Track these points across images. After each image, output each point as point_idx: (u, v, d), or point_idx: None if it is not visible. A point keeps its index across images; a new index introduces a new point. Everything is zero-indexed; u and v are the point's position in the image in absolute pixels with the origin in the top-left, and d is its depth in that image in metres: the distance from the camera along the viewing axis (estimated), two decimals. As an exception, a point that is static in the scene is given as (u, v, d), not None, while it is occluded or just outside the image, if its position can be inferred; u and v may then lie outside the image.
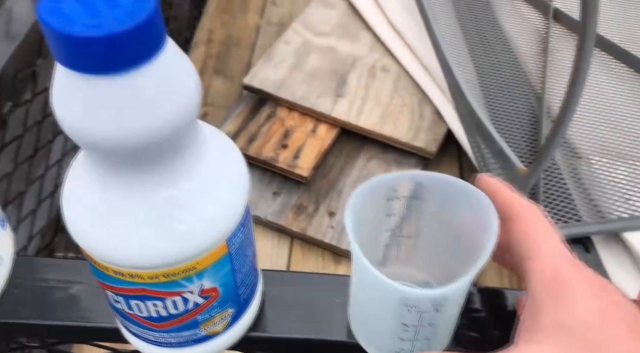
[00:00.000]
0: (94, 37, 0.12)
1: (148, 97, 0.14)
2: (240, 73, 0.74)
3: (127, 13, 0.13)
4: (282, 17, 0.82)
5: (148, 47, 0.13)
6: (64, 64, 0.13)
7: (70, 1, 0.13)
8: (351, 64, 0.72)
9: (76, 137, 0.15)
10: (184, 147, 0.16)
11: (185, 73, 0.15)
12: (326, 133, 0.66)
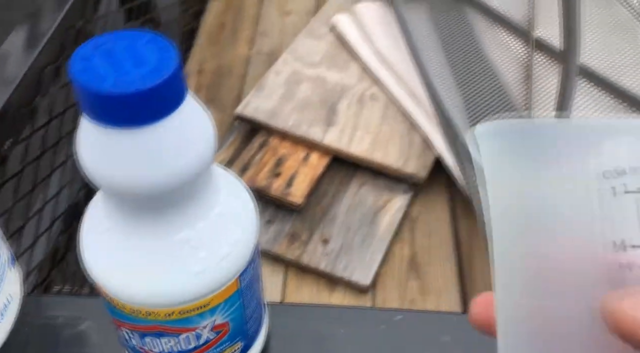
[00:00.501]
0: (122, 95, 0.14)
1: (168, 148, 0.15)
2: (231, 103, 0.76)
3: (153, 71, 0.14)
4: (272, 48, 0.84)
5: (170, 102, 0.15)
6: (93, 118, 0.14)
7: (100, 60, 0.14)
8: (341, 93, 0.74)
9: (100, 184, 0.16)
10: (198, 191, 0.17)
11: (202, 124, 0.16)
12: (318, 161, 0.67)
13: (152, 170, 0.15)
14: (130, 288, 0.17)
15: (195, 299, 0.17)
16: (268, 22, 0.88)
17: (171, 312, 0.18)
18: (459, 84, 0.69)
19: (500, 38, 0.75)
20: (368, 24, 0.79)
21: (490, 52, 0.73)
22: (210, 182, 0.18)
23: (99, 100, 0.14)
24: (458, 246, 0.59)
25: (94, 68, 0.14)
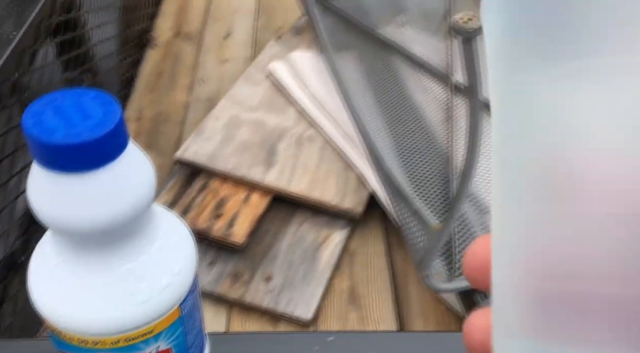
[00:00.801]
0: (72, 145, 0.16)
1: (111, 191, 0.17)
2: (171, 148, 0.77)
3: (98, 123, 0.16)
4: (210, 94, 0.86)
5: (114, 150, 0.17)
6: (44, 165, 0.16)
7: (50, 115, 0.16)
8: (279, 135, 0.77)
9: (50, 224, 0.17)
10: (140, 227, 0.19)
11: (143, 169, 0.18)
12: (259, 201, 0.69)
13: (96, 211, 0.17)
14: (79, 319, 0.19)
15: (140, 326, 0.19)
16: (206, 69, 0.91)
17: (117, 340, 0.19)
18: (388, 124, 0.74)
19: (424, 82, 0.82)
20: (303, 71, 0.84)
21: (415, 95, 0.79)
22: (151, 219, 0.20)
23: (51, 150, 0.16)
24: (394, 276, 0.63)
25: (45, 122, 0.16)
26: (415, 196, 0.57)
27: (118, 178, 0.17)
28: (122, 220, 0.17)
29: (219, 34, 0.99)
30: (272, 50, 0.91)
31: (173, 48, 0.95)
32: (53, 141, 0.16)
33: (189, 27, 1.00)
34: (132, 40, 0.89)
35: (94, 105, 0.17)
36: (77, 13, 0.62)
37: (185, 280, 0.21)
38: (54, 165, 0.16)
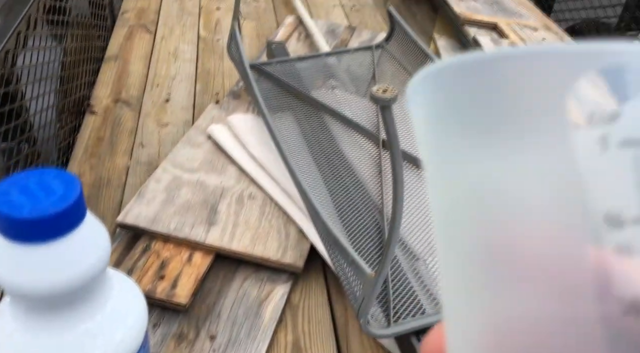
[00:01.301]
0: (37, 219, 0.18)
1: (73, 257, 0.20)
2: (112, 212, 0.77)
3: (60, 198, 0.19)
4: (150, 157, 0.88)
5: (74, 221, 0.19)
6: (12, 238, 0.19)
7: (17, 193, 0.19)
8: (220, 194, 0.79)
9: (13, 291, 0.20)
10: (96, 288, 0.22)
11: (99, 235, 0.21)
12: (202, 260, 0.71)
13: (57, 276, 0.19)
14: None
15: (95, 381, 0.21)
16: (146, 133, 0.93)
17: (73, 396, 0.21)
18: (324, 180, 0.79)
19: (356, 140, 0.88)
20: (241, 132, 0.88)
21: (349, 152, 0.85)
22: (104, 280, 0.22)
23: (18, 224, 0.18)
24: (335, 326, 0.65)
25: (12, 200, 0.19)
26: (352, 247, 0.61)
27: (78, 246, 0.20)
28: (81, 283, 0.20)
29: (158, 99, 1.02)
30: (212, 114, 0.95)
31: (112, 114, 0.97)
32: (21, 216, 0.18)
33: (128, 93, 1.03)
34: (70, 108, 0.90)
35: (56, 182, 0.20)
36: (15, 86, 0.63)
37: (138, 333, 0.23)
38: (21, 237, 0.19)
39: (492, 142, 0.11)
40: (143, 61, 1.13)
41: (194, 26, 1.28)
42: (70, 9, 0.92)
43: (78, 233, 0.19)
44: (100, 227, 0.21)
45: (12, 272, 0.19)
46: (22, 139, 0.66)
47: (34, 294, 0.19)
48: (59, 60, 0.84)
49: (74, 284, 0.20)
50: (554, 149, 0.10)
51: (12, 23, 0.64)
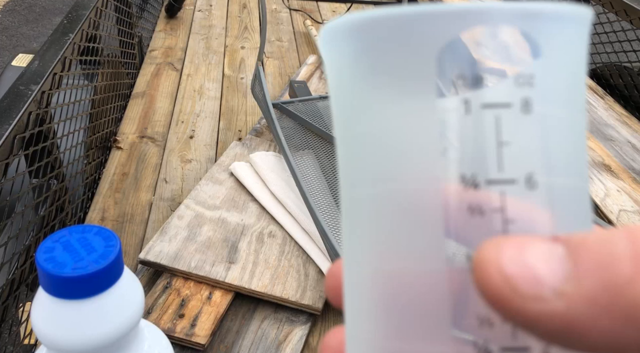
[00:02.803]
0: (79, 277, 0.19)
1: (110, 312, 0.20)
2: (134, 248, 0.78)
3: (101, 256, 0.20)
4: (173, 193, 0.90)
5: (112, 278, 0.20)
6: (54, 295, 0.19)
7: (59, 249, 0.20)
8: (241, 232, 0.80)
9: (48, 343, 0.20)
10: (130, 341, 0.22)
11: (134, 290, 0.21)
12: (221, 298, 0.71)
13: (96, 330, 0.20)
14: None
15: None
16: (170, 169, 0.95)
17: None
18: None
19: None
20: (263, 170, 0.89)
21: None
22: (137, 333, 0.22)
23: (61, 282, 0.19)
24: (356, 371, 0.64)
25: (56, 257, 0.19)
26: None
27: (115, 301, 0.20)
28: (117, 337, 0.20)
29: (182, 135, 1.04)
30: (234, 151, 0.96)
31: (137, 150, 0.99)
32: (64, 274, 0.19)
33: (153, 129, 1.05)
34: (98, 144, 0.93)
35: (97, 239, 0.20)
36: (48, 125, 0.66)
37: (166, 387, 0.23)
38: (62, 293, 0.19)
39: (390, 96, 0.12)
40: (169, 98, 1.16)
41: (219, 64, 1.32)
42: (102, 49, 0.96)
43: (115, 289, 0.20)
44: (136, 281, 0.21)
45: (51, 325, 0.20)
46: (51, 175, 0.68)
47: (70, 347, 0.20)
48: (89, 98, 0.87)
49: (110, 338, 0.20)
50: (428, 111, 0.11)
51: (49, 65, 0.67)
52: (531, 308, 0.10)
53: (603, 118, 1.00)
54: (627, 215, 0.74)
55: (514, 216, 0.11)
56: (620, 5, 1.11)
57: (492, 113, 0.11)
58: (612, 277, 0.10)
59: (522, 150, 0.11)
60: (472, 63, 0.11)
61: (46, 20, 2.87)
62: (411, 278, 0.12)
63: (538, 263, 0.10)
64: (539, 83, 0.11)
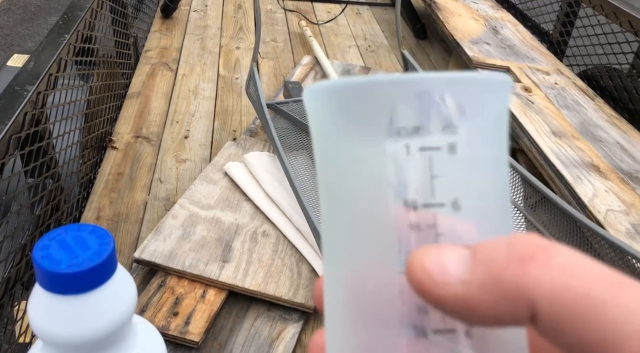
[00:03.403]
0: (74, 273, 0.20)
1: (104, 307, 0.21)
2: (129, 247, 0.79)
3: (95, 253, 0.21)
4: (168, 193, 0.90)
5: (106, 275, 0.21)
6: (50, 290, 0.20)
7: (56, 247, 0.21)
8: (235, 232, 0.81)
9: (44, 337, 0.21)
10: (123, 335, 0.23)
11: (128, 286, 0.22)
12: (215, 297, 0.71)
13: (90, 325, 0.21)
14: None
15: None
16: (164, 169, 0.96)
17: None
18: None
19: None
20: (256, 170, 0.90)
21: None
22: (131, 328, 0.23)
23: (56, 278, 0.20)
24: (347, 368, 0.65)
25: (51, 255, 0.20)
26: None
27: (109, 297, 0.21)
28: (111, 331, 0.21)
29: (177, 135, 1.05)
30: (229, 151, 0.97)
31: (132, 149, 1.00)
32: (59, 270, 0.20)
33: (148, 129, 1.06)
34: (93, 144, 0.93)
35: (91, 237, 0.21)
36: (43, 125, 0.66)
37: (158, 380, 0.24)
38: (58, 289, 0.20)
39: (354, 141, 0.15)
40: (164, 98, 1.17)
41: (214, 65, 1.33)
42: (97, 50, 0.97)
43: (109, 285, 0.21)
44: (129, 278, 0.22)
45: (47, 320, 0.21)
46: (47, 175, 0.69)
47: (66, 341, 0.21)
48: (84, 99, 0.88)
49: (104, 332, 0.21)
50: (380, 152, 0.15)
51: (44, 65, 0.68)
52: (442, 292, 0.14)
53: (593, 119, 1.01)
54: (614, 215, 0.75)
55: (443, 231, 0.15)
56: (610, 8, 1.12)
57: (426, 154, 0.15)
58: (493, 268, 0.14)
59: (449, 181, 0.15)
60: (413, 118, 0.15)
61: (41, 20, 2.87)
62: (371, 282, 0.15)
63: (449, 261, 0.14)
64: (461, 132, 0.15)
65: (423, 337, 0.15)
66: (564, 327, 0.13)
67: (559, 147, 0.90)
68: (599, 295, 0.13)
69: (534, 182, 0.79)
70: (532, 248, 0.14)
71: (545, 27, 1.46)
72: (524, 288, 0.13)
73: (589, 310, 0.13)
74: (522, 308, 0.14)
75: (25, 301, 0.68)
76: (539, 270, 0.14)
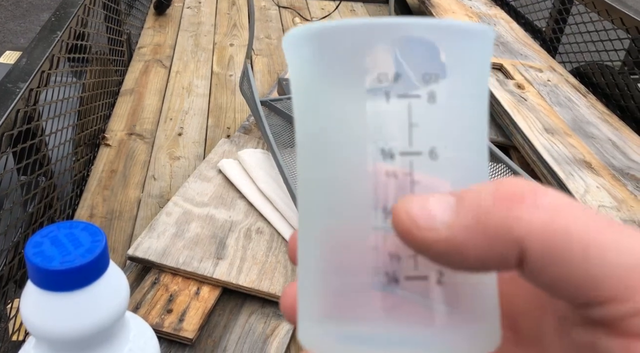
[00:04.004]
0: (66, 270, 0.20)
1: (96, 304, 0.21)
2: (123, 244, 0.79)
3: (87, 250, 0.21)
4: (162, 190, 0.90)
5: (98, 271, 0.21)
6: (42, 287, 0.20)
7: (47, 244, 0.21)
8: (229, 229, 0.81)
9: (42, 335, 0.21)
10: (115, 331, 0.23)
11: (120, 283, 0.22)
12: (209, 294, 0.72)
13: (82, 321, 0.21)
14: None
15: None
16: (158, 166, 0.96)
17: None
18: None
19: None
20: (251, 167, 0.90)
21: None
22: (123, 324, 0.23)
23: (48, 275, 0.20)
24: (341, 363, 0.65)
25: (44, 252, 0.20)
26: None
27: (101, 293, 0.21)
28: (103, 328, 0.21)
29: (171, 132, 1.05)
30: (223, 148, 0.97)
31: (126, 147, 0.99)
32: (51, 267, 0.20)
33: (142, 126, 1.06)
34: (86, 141, 0.93)
35: (84, 234, 0.21)
36: (36, 123, 0.66)
37: (151, 376, 0.24)
38: (50, 286, 0.20)
39: (333, 87, 0.15)
40: (157, 95, 1.16)
41: (207, 62, 1.32)
42: (90, 47, 0.96)
43: (101, 282, 0.21)
44: (121, 275, 0.22)
45: (39, 317, 0.21)
46: (40, 172, 0.69)
47: (59, 338, 0.21)
48: (77, 96, 0.87)
49: (96, 329, 0.21)
50: (359, 98, 0.15)
51: (37, 62, 0.67)
52: (427, 236, 0.14)
53: (585, 116, 1.02)
54: (605, 211, 0.76)
55: (419, 179, 0.15)
56: (602, 5, 1.13)
57: (405, 102, 0.15)
58: (480, 211, 0.14)
59: (427, 130, 0.15)
60: (393, 64, 0.14)
61: (33, 16, 2.85)
62: (345, 234, 0.16)
63: (434, 206, 0.14)
64: (442, 81, 0.15)
65: (394, 283, 0.15)
66: (551, 265, 0.13)
67: (551, 143, 0.91)
68: (585, 234, 0.13)
69: (526, 179, 0.79)
70: (519, 190, 0.14)
71: (538, 24, 1.46)
72: (513, 228, 0.13)
73: (574, 247, 0.13)
74: (510, 249, 0.14)
75: (18, 299, 0.68)
76: (527, 210, 0.13)
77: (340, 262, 0.15)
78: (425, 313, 0.15)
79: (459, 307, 0.15)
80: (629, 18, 1.06)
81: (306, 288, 0.16)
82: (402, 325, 0.15)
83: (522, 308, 0.17)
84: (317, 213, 0.16)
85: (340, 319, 0.15)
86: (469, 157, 0.15)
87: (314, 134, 0.16)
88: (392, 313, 0.15)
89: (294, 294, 0.17)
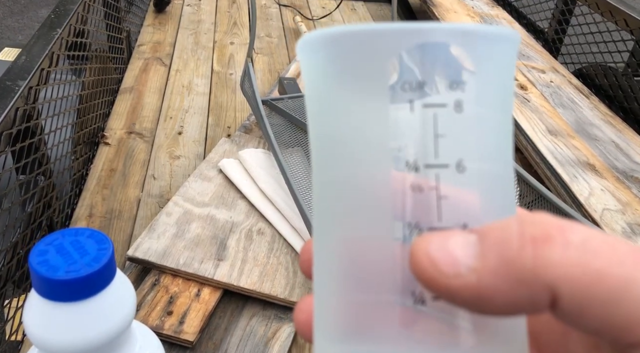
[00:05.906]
0: (72, 280, 0.19)
1: (102, 314, 0.20)
2: (122, 245, 0.78)
3: (94, 259, 0.20)
4: (161, 190, 0.89)
5: (105, 281, 0.20)
6: (47, 297, 0.19)
7: (52, 252, 0.20)
8: (230, 229, 0.80)
9: (41, 345, 0.20)
10: (121, 342, 0.22)
11: (127, 292, 0.22)
12: (210, 295, 0.71)
13: (88, 333, 0.20)
14: None
15: None
16: (158, 166, 0.95)
17: None
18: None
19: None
20: (251, 167, 0.89)
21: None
22: (130, 334, 0.23)
23: (53, 285, 0.19)
24: (343, 367, 0.65)
25: (48, 261, 0.19)
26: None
27: (107, 303, 0.20)
28: (109, 339, 0.20)
29: (171, 131, 1.04)
30: (223, 147, 0.96)
31: (125, 146, 0.98)
32: (56, 277, 0.19)
33: (142, 125, 1.05)
34: (85, 140, 0.92)
35: (90, 242, 0.21)
36: (35, 121, 0.65)
37: (157, 388, 0.23)
38: (55, 296, 0.19)
39: (353, 95, 0.14)
40: (157, 93, 1.15)
41: (208, 60, 1.31)
42: (90, 44, 0.95)
43: (108, 292, 0.20)
44: (128, 283, 0.22)
45: (43, 328, 0.20)
46: (39, 172, 0.68)
47: (63, 350, 0.20)
48: (77, 94, 0.86)
49: (103, 340, 0.20)
50: (381, 107, 0.14)
51: (36, 60, 0.66)
52: (452, 283, 0.13)
53: (588, 117, 1.01)
54: (610, 214, 0.75)
55: (446, 193, 0.14)
56: (605, 7, 1.12)
57: (431, 111, 0.14)
58: (506, 253, 0.13)
59: (454, 141, 0.14)
60: (417, 71, 0.13)
61: (32, 13, 2.83)
62: (365, 247, 0.15)
63: (456, 248, 0.13)
64: (469, 89, 0.14)
65: (420, 304, 0.14)
66: (587, 309, 0.12)
67: (554, 145, 0.90)
68: (623, 274, 0.12)
69: (529, 181, 0.79)
70: (545, 228, 0.13)
71: (541, 25, 1.46)
72: (542, 272, 0.13)
73: (612, 290, 0.12)
74: (541, 294, 0.13)
75: (16, 299, 0.67)
76: (556, 251, 0.13)
77: (362, 279, 0.15)
78: (452, 335, 0.14)
79: (487, 329, 0.14)
80: (633, 19, 1.05)
81: (324, 305, 0.15)
82: (427, 347, 0.14)
83: (547, 330, 0.16)
84: (337, 228, 0.15)
85: (362, 339, 0.14)
86: (496, 168, 0.15)
87: (331, 143, 0.15)
88: (417, 334, 0.14)
89: (308, 310, 0.16)
